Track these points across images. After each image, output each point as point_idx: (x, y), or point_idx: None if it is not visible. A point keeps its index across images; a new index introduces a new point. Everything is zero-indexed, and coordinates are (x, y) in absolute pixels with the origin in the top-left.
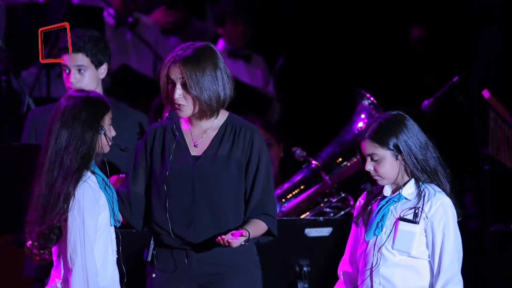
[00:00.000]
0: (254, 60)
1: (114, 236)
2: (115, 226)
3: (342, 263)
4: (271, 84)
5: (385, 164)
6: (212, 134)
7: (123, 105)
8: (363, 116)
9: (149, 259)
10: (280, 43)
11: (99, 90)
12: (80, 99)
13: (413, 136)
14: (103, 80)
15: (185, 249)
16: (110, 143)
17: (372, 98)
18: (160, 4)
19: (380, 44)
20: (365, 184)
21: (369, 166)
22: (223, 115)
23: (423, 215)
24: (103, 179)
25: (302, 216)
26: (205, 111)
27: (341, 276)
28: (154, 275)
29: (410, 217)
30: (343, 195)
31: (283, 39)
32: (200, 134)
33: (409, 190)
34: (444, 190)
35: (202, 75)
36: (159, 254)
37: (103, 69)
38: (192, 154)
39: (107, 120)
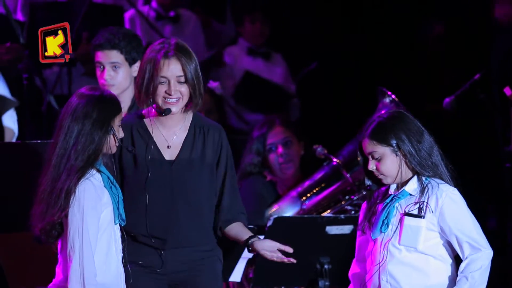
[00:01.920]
0: (274, 58)
1: (119, 234)
2: (120, 225)
3: (352, 266)
4: (291, 82)
5: (385, 161)
6: (182, 135)
7: None
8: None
9: None
10: (301, 42)
11: (131, 88)
12: (93, 98)
13: (411, 131)
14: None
15: (161, 248)
16: (117, 144)
17: (393, 96)
18: (181, 6)
19: (400, 42)
20: (371, 184)
21: (371, 165)
22: (189, 116)
23: (429, 209)
24: (108, 178)
25: (323, 214)
26: (195, 104)
27: (351, 278)
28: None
29: (415, 212)
30: (364, 192)
31: (304, 38)
32: (171, 136)
33: (413, 186)
34: (448, 182)
35: (194, 66)
36: (131, 248)
37: (136, 67)
38: (166, 158)
39: (117, 121)
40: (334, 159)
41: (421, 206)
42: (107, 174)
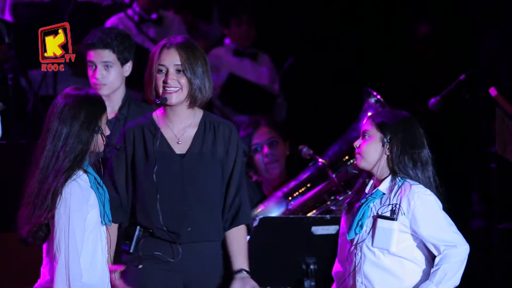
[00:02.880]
0: (260, 59)
1: (104, 235)
2: (106, 226)
3: (335, 264)
4: (277, 82)
5: (371, 144)
6: (192, 131)
7: (144, 102)
8: (370, 114)
9: (131, 250)
10: (286, 42)
11: (123, 87)
12: (80, 98)
13: (410, 137)
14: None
15: (176, 242)
16: (105, 143)
17: (378, 96)
18: (168, 8)
19: (386, 42)
20: (350, 165)
21: (357, 142)
22: (199, 113)
23: (401, 211)
24: (95, 179)
25: (309, 214)
26: (194, 98)
27: (334, 277)
28: (140, 266)
29: (388, 213)
30: (349, 193)
31: (289, 38)
32: (180, 132)
33: (386, 184)
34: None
35: (195, 62)
36: (147, 245)
37: (128, 67)
38: (177, 152)
39: (103, 119)
40: (320, 160)
41: (394, 208)
42: (93, 175)
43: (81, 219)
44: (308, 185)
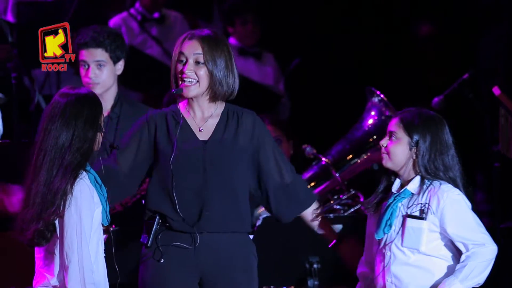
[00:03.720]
0: (265, 58)
1: (102, 233)
2: (103, 225)
3: (360, 263)
4: (282, 82)
5: (398, 146)
6: (214, 121)
7: (137, 101)
8: (373, 113)
9: (149, 244)
10: (290, 41)
11: (115, 86)
12: (79, 97)
13: (439, 140)
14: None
15: (194, 233)
16: (101, 141)
17: (382, 95)
18: (167, 7)
19: (388, 42)
20: (374, 164)
21: (384, 141)
22: (221, 105)
23: (430, 210)
24: (95, 178)
25: None
26: (214, 91)
27: (359, 277)
28: (162, 260)
29: (417, 213)
30: (353, 192)
31: (293, 38)
32: (203, 121)
33: (415, 185)
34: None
35: (219, 55)
36: (165, 238)
37: (120, 65)
38: (200, 138)
39: (102, 118)
40: (323, 159)
41: (423, 208)
42: (93, 174)
43: (90, 217)
44: (312, 184)
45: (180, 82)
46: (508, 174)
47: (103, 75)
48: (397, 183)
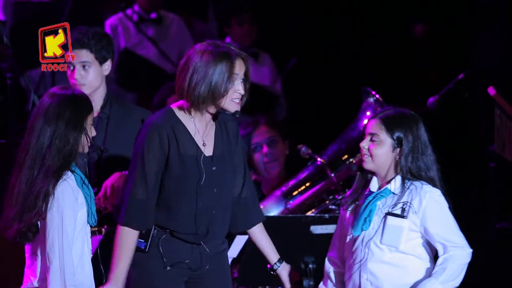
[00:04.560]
0: (261, 58)
1: (89, 234)
2: (90, 226)
3: (328, 260)
4: (279, 82)
5: (380, 148)
6: (212, 130)
7: (128, 101)
8: (368, 113)
9: (147, 249)
10: (286, 42)
11: (103, 87)
12: (65, 98)
13: (419, 139)
14: (107, 76)
15: (199, 243)
16: (89, 144)
17: (377, 96)
18: (163, 7)
19: (384, 42)
20: (352, 164)
21: (365, 144)
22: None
23: (412, 209)
24: (81, 178)
25: (308, 213)
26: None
27: (330, 272)
28: (169, 268)
29: (398, 212)
30: (347, 191)
31: (288, 38)
32: (205, 132)
33: (396, 184)
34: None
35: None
36: (167, 246)
37: (107, 66)
38: (206, 154)
39: (89, 120)
40: (319, 159)
41: (404, 206)
42: (80, 175)
43: (73, 219)
44: (307, 184)
45: (230, 102)
46: (503, 174)
47: (89, 76)
48: (374, 181)
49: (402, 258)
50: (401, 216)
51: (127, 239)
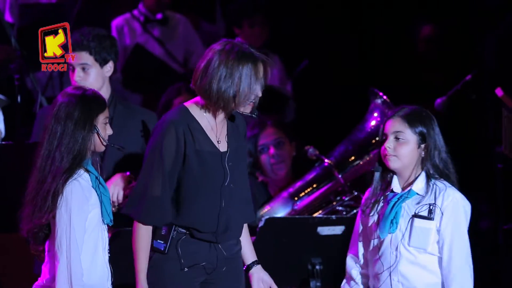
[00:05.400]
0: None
1: (106, 234)
2: (107, 225)
3: (350, 261)
4: (289, 84)
5: (406, 147)
6: (224, 127)
7: (134, 103)
8: (376, 114)
9: (166, 251)
10: (294, 43)
11: (106, 88)
12: (75, 97)
13: (437, 136)
14: (111, 77)
15: (217, 242)
16: (104, 143)
17: (385, 97)
18: (170, 7)
19: (391, 44)
20: (376, 167)
21: (390, 144)
22: None
23: (437, 210)
24: (96, 177)
25: (315, 215)
26: None
27: (352, 272)
28: (186, 269)
29: (425, 213)
30: (355, 193)
31: (297, 39)
32: (219, 130)
33: (420, 185)
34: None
35: None
36: (185, 246)
37: (109, 67)
38: (220, 150)
39: (101, 119)
40: (326, 160)
41: (431, 208)
42: (95, 174)
43: (82, 219)
44: (314, 186)
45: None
46: (511, 175)
47: (89, 78)
48: (396, 182)
49: (431, 259)
50: (428, 218)
51: (145, 236)
